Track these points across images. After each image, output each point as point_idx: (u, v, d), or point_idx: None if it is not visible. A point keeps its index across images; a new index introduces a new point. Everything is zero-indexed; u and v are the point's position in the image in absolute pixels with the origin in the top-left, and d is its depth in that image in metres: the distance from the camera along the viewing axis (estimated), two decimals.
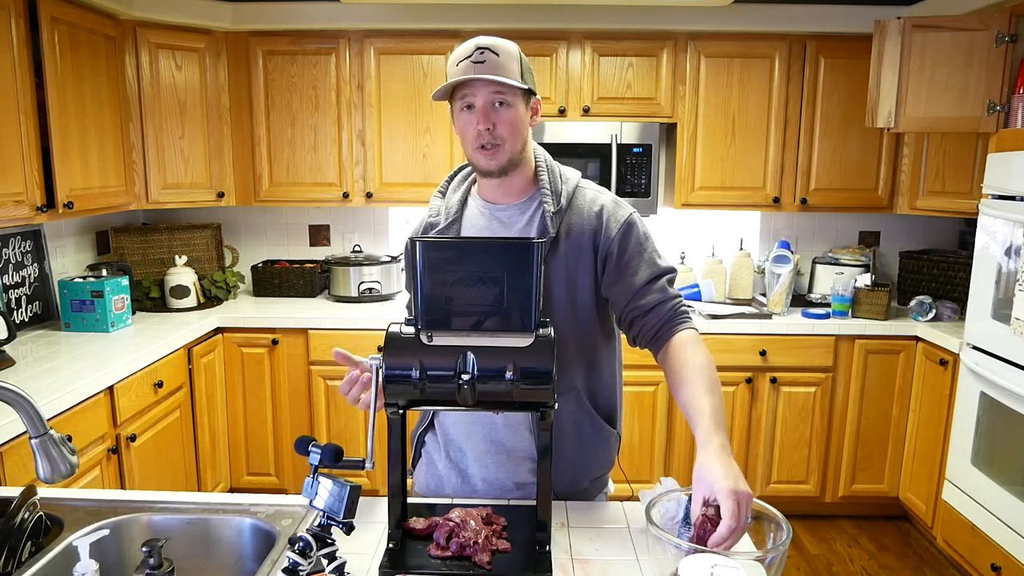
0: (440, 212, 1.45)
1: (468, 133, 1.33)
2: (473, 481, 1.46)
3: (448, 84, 1.30)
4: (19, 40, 2.29)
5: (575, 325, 1.38)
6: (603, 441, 1.44)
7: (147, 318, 3.08)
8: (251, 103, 3.28)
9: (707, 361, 1.31)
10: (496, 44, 1.30)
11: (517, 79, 1.30)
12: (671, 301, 1.36)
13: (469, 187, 1.47)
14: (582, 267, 1.36)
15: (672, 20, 3.17)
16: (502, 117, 1.31)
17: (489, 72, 1.27)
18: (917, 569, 2.93)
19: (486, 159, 1.33)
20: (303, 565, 1.02)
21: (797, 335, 3.10)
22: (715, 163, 3.30)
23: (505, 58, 1.30)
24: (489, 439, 1.43)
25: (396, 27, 3.20)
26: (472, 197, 1.46)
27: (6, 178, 2.26)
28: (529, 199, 1.41)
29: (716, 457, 1.09)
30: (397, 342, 1.11)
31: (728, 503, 1.01)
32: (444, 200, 1.47)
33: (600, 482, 1.49)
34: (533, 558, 1.13)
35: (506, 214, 1.41)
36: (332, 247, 3.76)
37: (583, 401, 1.41)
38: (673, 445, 3.20)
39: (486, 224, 1.41)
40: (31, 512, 1.18)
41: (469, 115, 1.32)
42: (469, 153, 1.36)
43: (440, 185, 1.51)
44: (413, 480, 1.57)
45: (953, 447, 2.72)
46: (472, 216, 1.43)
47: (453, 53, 1.34)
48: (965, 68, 2.72)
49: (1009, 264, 2.44)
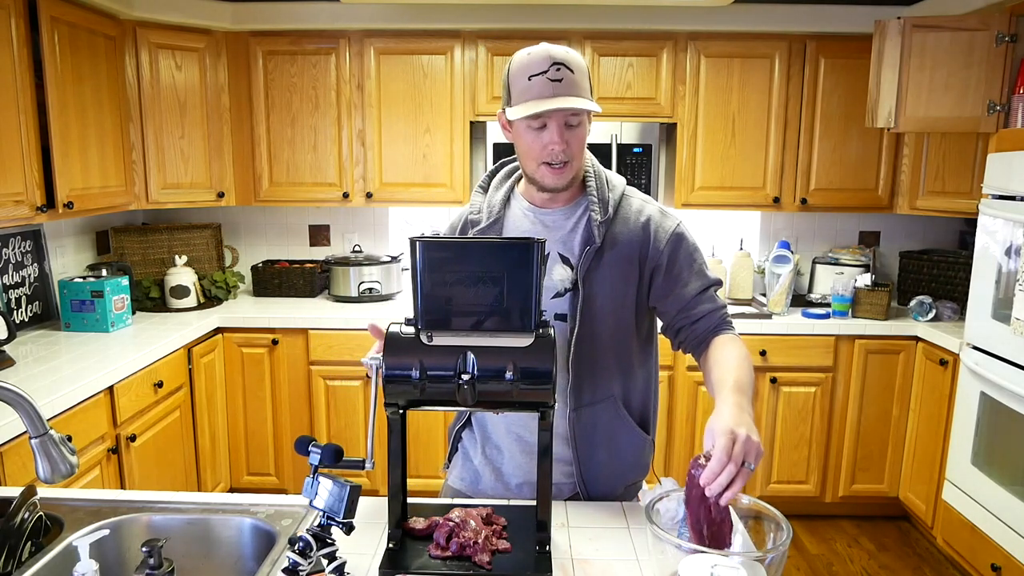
0: (482, 210, 1.42)
1: (535, 151, 1.29)
2: (508, 479, 1.46)
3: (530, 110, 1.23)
4: (19, 40, 2.29)
5: (615, 334, 1.37)
6: (638, 448, 1.44)
7: (147, 318, 3.08)
8: (251, 103, 3.28)
9: (744, 352, 1.30)
10: (569, 58, 1.26)
11: (589, 97, 1.28)
12: (720, 311, 1.38)
13: (512, 186, 1.44)
14: (626, 277, 1.35)
15: (672, 20, 3.17)
16: (575, 136, 1.29)
17: (568, 93, 1.24)
18: (917, 569, 2.93)
19: (554, 177, 1.31)
20: (303, 565, 1.02)
21: (797, 335, 3.10)
22: (715, 163, 3.30)
23: (579, 75, 1.26)
24: (524, 440, 1.42)
25: (396, 27, 3.20)
26: (515, 197, 1.43)
27: (6, 178, 2.26)
28: (575, 204, 1.39)
29: (727, 407, 1.08)
30: (397, 342, 1.11)
31: (722, 439, 0.99)
32: (486, 197, 1.44)
33: (635, 487, 1.49)
34: (533, 558, 1.13)
35: (551, 218, 1.38)
36: (332, 247, 3.76)
37: (620, 408, 1.40)
38: (673, 445, 3.20)
39: (530, 227, 1.39)
40: (31, 512, 1.18)
41: (539, 133, 1.27)
42: (532, 168, 1.32)
43: (481, 180, 1.48)
44: (447, 474, 1.57)
45: (953, 447, 2.72)
46: (515, 217, 1.41)
47: (520, 60, 1.27)
48: (965, 68, 2.72)
49: (1009, 264, 2.44)
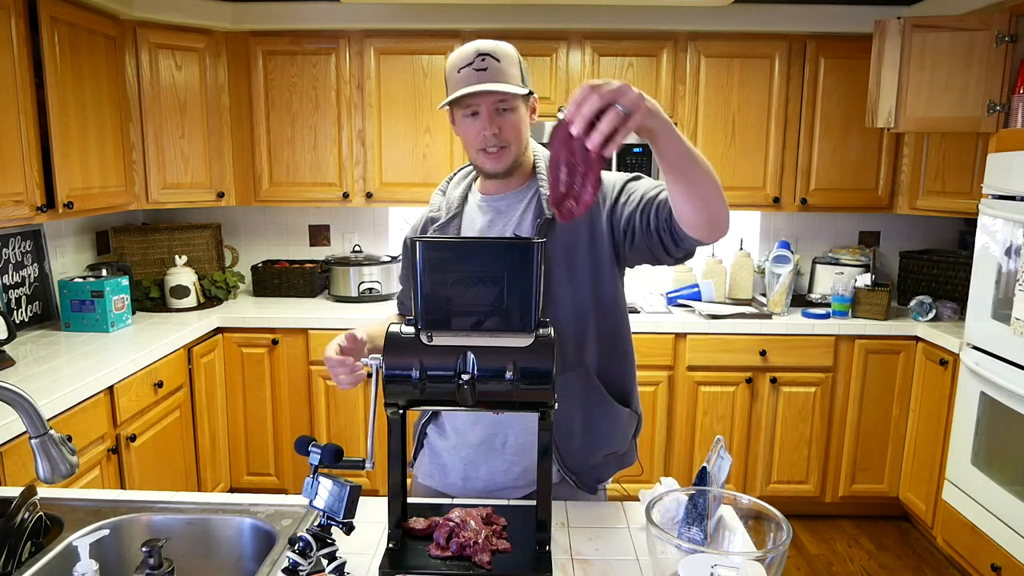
0: (441, 207, 1.49)
1: (471, 138, 1.36)
2: (478, 471, 1.47)
3: (453, 97, 1.32)
4: (19, 40, 2.29)
5: (575, 302, 1.40)
6: (615, 419, 1.45)
7: (147, 318, 3.08)
8: (251, 103, 3.28)
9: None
10: (496, 49, 1.33)
11: (518, 83, 1.33)
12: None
13: (470, 184, 1.51)
14: (580, 242, 1.38)
15: (672, 20, 3.17)
16: (506, 122, 1.34)
17: (492, 80, 1.30)
18: (917, 569, 2.93)
19: (492, 162, 1.37)
20: (303, 565, 1.02)
21: (797, 335, 3.10)
22: (715, 163, 3.23)
23: (506, 63, 1.33)
24: (492, 433, 1.44)
25: (396, 27, 3.20)
26: (472, 193, 1.50)
27: (6, 178, 2.26)
28: (527, 187, 1.44)
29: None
30: (397, 342, 1.11)
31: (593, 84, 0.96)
32: (445, 197, 1.51)
33: (615, 458, 1.50)
34: (533, 558, 1.13)
35: (504, 203, 1.44)
36: (332, 247, 3.76)
37: (591, 378, 1.42)
38: (673, 445, 3.20)
39: (484, 216, 1.44)
40: (31, 512, 1.18)
41: (473, 121, 1.34)
42: (473, 155, 1.39)
43: (441, 185, 1.55)
44: (414, 472, 1.58)
45: (953, 447, 2.72)
46: (471, 210, 1.47)
47: (452, 58, 1.35)
48: (965, 68, 2.72)
49: (1009, 264, 2.44)
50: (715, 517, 1.14)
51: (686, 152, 1.11)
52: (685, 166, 1.13)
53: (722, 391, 3.14)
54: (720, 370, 3.13)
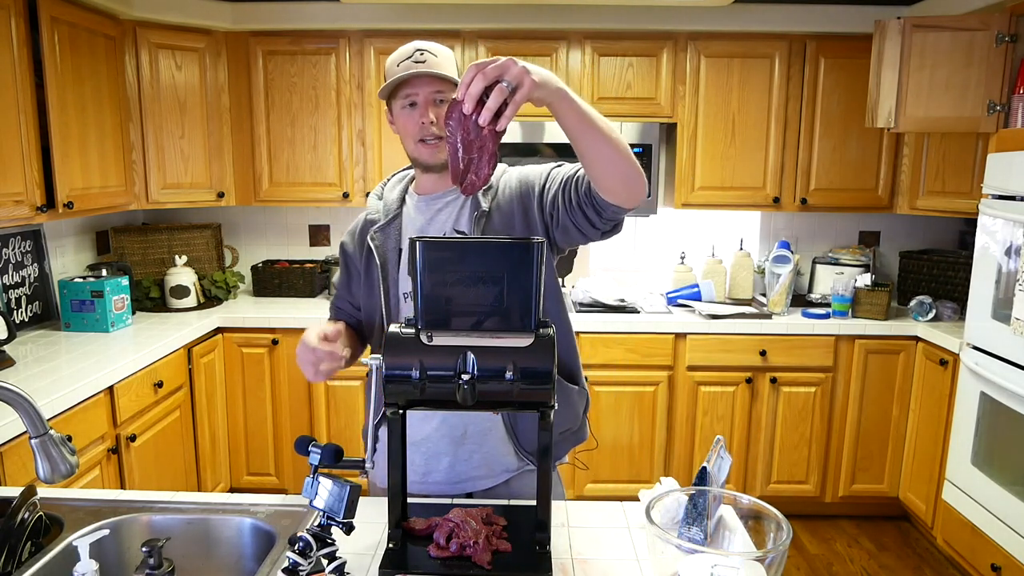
0: (379, 210, 1.52)
1: (410, 128, 1.41)
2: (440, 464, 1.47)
3: (392, 81, 1.38)
4: (19, 40, 2.29)
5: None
6: (565, 397, 1.49)
7: (147, 318, 3.08)
8: (251, 103, 3.28)
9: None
10: (434, 47, 1.41)
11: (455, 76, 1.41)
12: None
13: (406, 187, 1.55)
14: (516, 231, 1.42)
15: (672, 20, 3.17)
16: (443, 112, 1.36)
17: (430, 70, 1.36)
18: (917, 569, 2.93)
19: (429, 152, 1.42)
20: (303, 565, 1.02)
21: (797, 335, 3.10)
22: (715, 163, 3.30)
23: (443, 59, 1.40)
24: (452, 424, 1.45)
25: (396, 27, 3.19)
26: (409, 195, 1.53)
27: (6, 178, 2.26)
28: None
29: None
30: (397, 342, 1.11)
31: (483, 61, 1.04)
32: (382, 200, 1.54)
33: (570, 434, 1.54)
34: (533, 558, 1.13)
35: (442, 201, 1.47)
36: (332, 247, 3.75)
37: None
38: (673, 445, 3.20)
39: (423, 217, 1.48)
40: (31, 512, 1.18)
41: (411, 111, 1.40)
42: (411, 148, 1.44)
43: (376, 189, 1.59)
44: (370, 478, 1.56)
45: (953, 447, 2.72)
46: (409, 213, 1.51)
47: (392, 55, 1.42)
48: (965, 68, 2.72)
49: (1009, 264, 2.44)
50: (715, 517, 1.14)
51: (585, 116, 1.17)
52: (587, 131, 1.19)
53: (722, 391, 3.14)
54: (720, 370, 3.13)
